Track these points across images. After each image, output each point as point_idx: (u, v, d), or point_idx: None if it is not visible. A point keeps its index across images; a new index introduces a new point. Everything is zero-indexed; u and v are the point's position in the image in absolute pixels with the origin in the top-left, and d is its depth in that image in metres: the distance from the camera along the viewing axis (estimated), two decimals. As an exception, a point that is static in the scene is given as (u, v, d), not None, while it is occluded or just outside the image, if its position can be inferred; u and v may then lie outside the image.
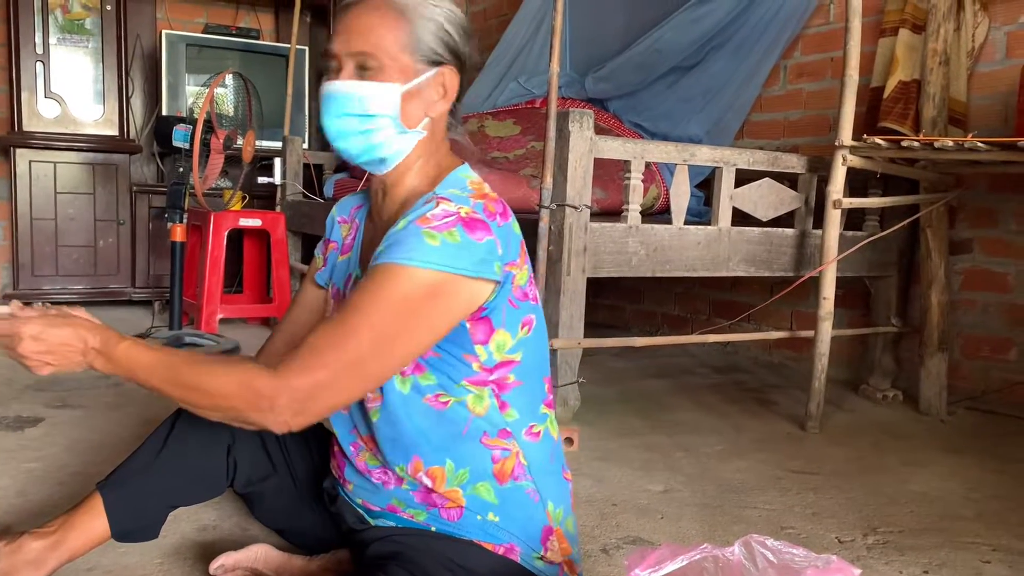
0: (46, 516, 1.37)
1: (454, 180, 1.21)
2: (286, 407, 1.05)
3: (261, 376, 1.06)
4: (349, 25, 1.17)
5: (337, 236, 1.37)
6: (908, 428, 2.58)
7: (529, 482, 1.22)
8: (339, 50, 1.17)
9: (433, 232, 1.08)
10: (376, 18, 1.16)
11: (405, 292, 1.07)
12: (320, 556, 1.42)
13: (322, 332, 1.08)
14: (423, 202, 1.15)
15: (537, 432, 1.24)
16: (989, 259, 2.82)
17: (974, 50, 2.78)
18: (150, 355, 1.12)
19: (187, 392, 1.09)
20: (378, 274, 1.09)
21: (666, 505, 1.85)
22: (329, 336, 1.07)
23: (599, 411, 2.61)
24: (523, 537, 1.21)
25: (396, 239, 1.10)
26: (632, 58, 3.70)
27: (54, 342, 1.10)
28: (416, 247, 1.07)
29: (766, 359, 3.55)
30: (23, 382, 2.72)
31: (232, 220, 3.70)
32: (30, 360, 1.10)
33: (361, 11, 1.17)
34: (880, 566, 1.58)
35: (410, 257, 1.07)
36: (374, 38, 1.15)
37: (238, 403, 1.07)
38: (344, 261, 1.34)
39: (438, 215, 1.09)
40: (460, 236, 1.08)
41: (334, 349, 1.06)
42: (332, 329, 1.08)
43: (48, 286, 4.14)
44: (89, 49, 4.19)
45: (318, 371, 1.05)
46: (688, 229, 2.53)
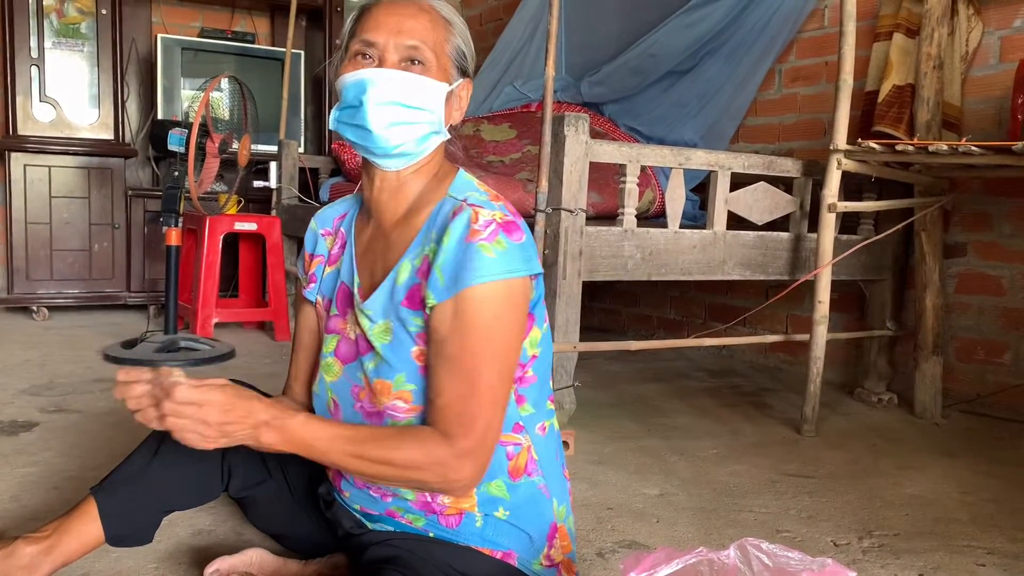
0: (41, 521, 1.37)
1: (464, 183, 1.23)
2: (469, 468, 1.11)
3: (440, 446, 1.10)
4: (399, 19, 1.16)
5: (322, 249, 1.35)
6: (903, 431, 2.59)
7: (540, 477, 1.24)
8: (385, 40, 1.15)
9: (486, 244, 1.11)
10: (427, 18, 1.17)
11: (494, 310, 1.11)
12: (315, 560, 1.42)
13: (450, 389, 1.11)
14: (450, 211, 1.16)
15: (544, 427, 1.26)
16: (983, 263, 2.83)
17: (968, 54, 2.79)
18: (327, 429, 1.12)
19: (374, 466, 1.11)
20: (462, 306, 1.10)
21: (662, 509, 1.85)
22: (460, 388, 1.11)
23: (595, 415, 2.61)
24: (532, 533, 1.21)
25: (457, 263, 1.11)
26: (627, 62, 3.71)
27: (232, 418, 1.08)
28: (481, 264, 1.10)
29: (761, 363, 3.55)
30: (17, 387, 2.72)
31: (227, 224, 3.69)
32: (206, 435, 1.08)
33: (409, 7, 1.17)
34: (876, 569, 1.58)
35: (481, 276, 1.10)
36: (427, 35, 1.16)
37: (427, 476, 1.11)
38: (333, 272, 1.32)
39: (482, 226, 1.12)
40: (505, 242, 1.12)
41: (474, 397, 1.11)
42: (459, 381, 1.11)
43: (43, 290, 4.13)
44: (84, 53, 4.18)
45: (476, 424, 1.10)
46: (684, 233, 2.54)
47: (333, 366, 1.26)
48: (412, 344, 1.17)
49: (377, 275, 1.24)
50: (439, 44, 1.18)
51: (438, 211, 1.19)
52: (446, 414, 1.11)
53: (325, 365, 1.28)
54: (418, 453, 1.10)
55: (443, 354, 1.12)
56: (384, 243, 1.24)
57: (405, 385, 1.17)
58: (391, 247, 1.23)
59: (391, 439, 1.12)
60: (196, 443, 1.09)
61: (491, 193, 1.21)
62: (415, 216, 1.22)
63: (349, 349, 1.25)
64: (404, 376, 1.17)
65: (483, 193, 1.20)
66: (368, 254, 1.27)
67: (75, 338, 3.64)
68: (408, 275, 1.18)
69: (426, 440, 1.11)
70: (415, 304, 1.17)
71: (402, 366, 1.17)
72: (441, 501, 1.19)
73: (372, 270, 1.25)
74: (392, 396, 1.17)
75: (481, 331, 1.11)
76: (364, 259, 1.27)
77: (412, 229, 1.21)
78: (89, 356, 3.26)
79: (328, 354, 1.27)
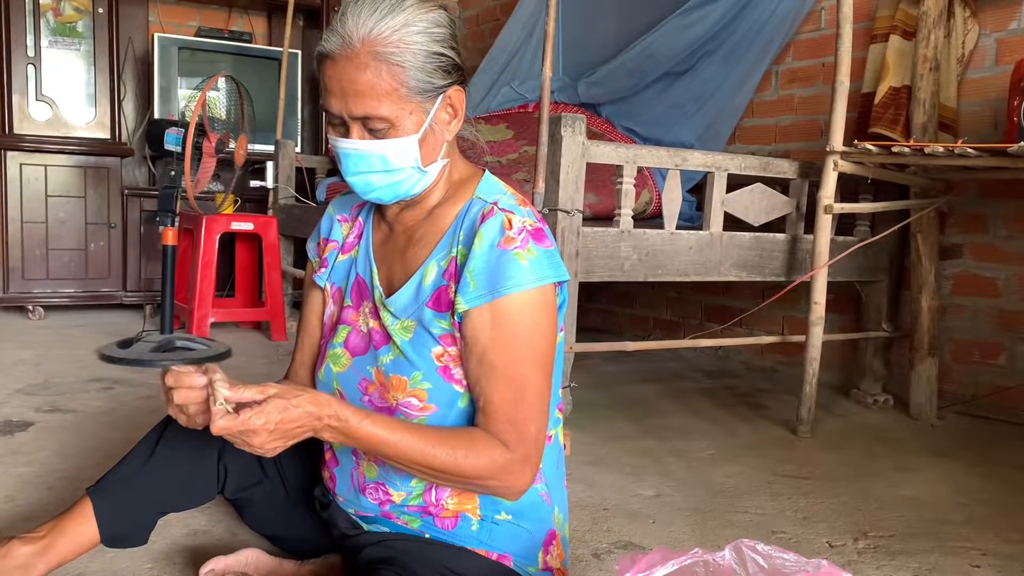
0: (36, 521, 1.37)
1: (491, 185, 1.22)
2: (529, 473, 1.14)
3: (502, 453, 1.11)
4: (343, 86, 1.10)
5: (337, 235, 1.34)
6: (898, 433, 2.59)
7: (543, 485, 1.24)
8: (339, 111, 1.12)
9: (520, 252, 1.12)
10: (369, 76, 1.09)
11: (534, 317, 1.13)
12: (311, 561, 1.42)
13: (499, 396, 1.12)
14: (479, 212, 1.15)
15: (550, 437, 1.26)
16: (979, 264, 2.83)
17: (964, 56, 2.80)
18: (394, 432, 1.09)
19: (440, 473, 1.11)
20: (501, 315, 1.12)
21: (657, 510, 1.85)
22: (510, 395, 1.12)
23: (591, 416, 2.61)
24: (530, 538, 1.22)
25: (491, 270, 1.11)
26: (624, 63, 3.71)
27: (288, 428, 1.05)
28: (515, 272, 1.11)
29: (757, 364, 3.56)
30: (13, 386, 2.71)
31: (224, 224, 3.69)
32: (262, 449, 1.06)
33: (351, 70, 1.09)
34: (871, 571, 1.58)
35: (518, 284, 1.11)
36: (374, 100, 1.10)
37: (491, 482, 1.12)
38: (346, 260, 1.31)
39: (515, 233, 1.12)
40: (535, 249, 1.13)
41: (524, 403, 1.13)
42: (508, 389, 1.12)
43: (38, 290, 4.12)
44: (81, 52, 4.17)
45: (529, 429, 1.13)
46: (680, 234, 2.54)
47: (342, 357, 1.26)
48: (434, 344, 1.17)
49: (397, 271, 1.24)
50: (393, 94, 1.10)
51: (466, 212, 1.19)
52: (499, 421, 1.12)
53: (333, 355, 1.27)
54: (483, 461, 1.10)
55: (487, 362, 1.13)
56: (406, 239, 1.24)
57: (422, 383, 1.17)
58: (414, 244, 1.23)
59: (455, 446, 1.10)
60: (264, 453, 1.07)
61: (519, 197, 1.21)
62: (439, 216, 1.22)
63: (360, 342, 1.25)
64: (421, 374, 1.17)
65: (511, 196, 1.20)
66: (387, 248, 1.27)
67: (71, 338, 3.64)
68: (435, 276, 1.18)
69: (488, 447, 1.11)
70: (441, 306, 1.17)
71: (421, 364, 1.17)
72: (444, 503, 1.19)
73: (392, 266, 1.25)
74: (407, 393, 1.18)
75: (524, 339, 1.13)
76: (382, 253, 1.27)
77: (438, 229, 1.21)
78: (85, 356, 3.25)
79: (338, 344, 1.27)
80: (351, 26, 1.09)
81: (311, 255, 1.38)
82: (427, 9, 1.12)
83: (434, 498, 1.20)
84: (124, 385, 2.80)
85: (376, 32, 1.09)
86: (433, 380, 1.17)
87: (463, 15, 5.47)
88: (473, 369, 1.14)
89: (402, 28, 1.10)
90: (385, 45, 1.09)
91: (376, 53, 1.08)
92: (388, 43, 1.09)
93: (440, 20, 1.14)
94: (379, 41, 1.08)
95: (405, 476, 1.20)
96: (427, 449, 1.09)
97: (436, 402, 1.17)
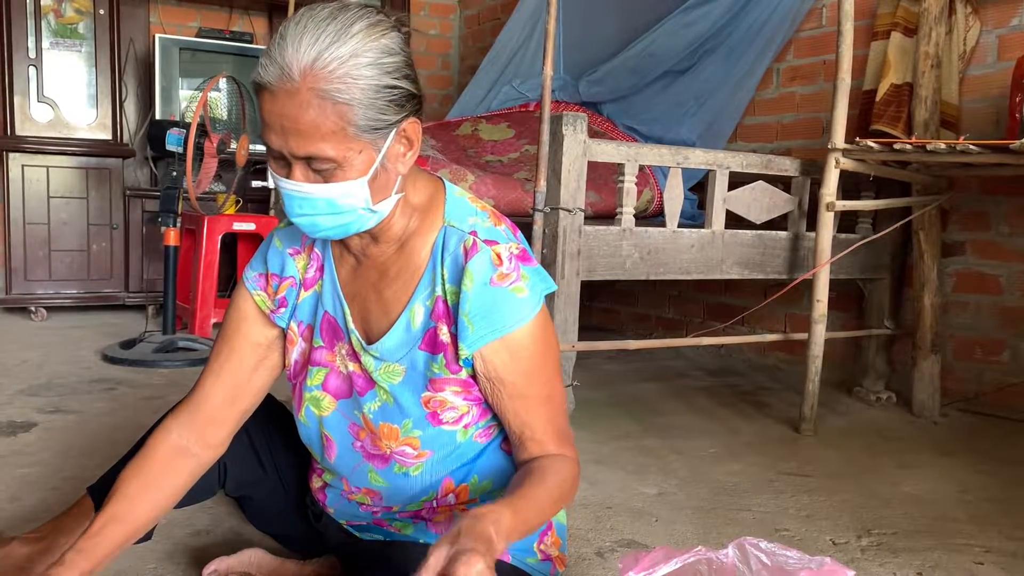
0: (39, 521, 1.37)
1: (458, 205, 1.15)
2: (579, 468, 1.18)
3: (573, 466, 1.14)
4: (283, 124, 0.98)
5: (292, 271, 1.21)
6: (901, 430, 2.59)
7: None
8: (280, 148, 1.00)
9: (518, 286, 1.10)
10: (312, 115, 0.96)
11: (543, 338, 1.14)
12: (313, 561, 1.42)
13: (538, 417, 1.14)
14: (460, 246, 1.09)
15: None
16: (981, 261, 2.83)
17: (965, 53, 2.79)
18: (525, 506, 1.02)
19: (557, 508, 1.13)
20: (515, 348, 1.11)
21: (660, 508, 1.85)
22: (547, 413, 1.15)
23: (593, 414, 2.61)
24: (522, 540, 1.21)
25: (487, 310, 1.08)
26: (625, 62, 3.71)
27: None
28: (518, 308, 1.10)
29: (760, 362, 3.55)
30: (15, 387, 2.72)
31: (226, 224, 3.69)
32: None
33: (292, 106, 0.97)
34: (874, 568, 1.58)
35: (524, 317, 1.10)
36: (319, 140, 0.98)
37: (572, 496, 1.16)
38: (310, 297, 1.21)
39: (507, 268, 1.09)
40: (527, 272, 1.11)
41: (560, 414, 1.17)
42: (543, 408, 1.14)
43: (41, 291, 4.13)
44: (82, 53, 4.18)
45: (570, 433, 1.18)
46: (682, 232, 2.54)
47: (323, 400, 1.21)
48: (423, 389, 1.14)
49: (373, 311, 1.17)
50: (339, 133, 0.98)
51: (442, 244, 1.11)
52: (550, 438, 1.14)
53: (312, 399, 1.21)
54: (570, 488, 1.13)
55: (520, 396, 1.13)
56: (378, 274, 1.16)
57: (413, 431, 1.15)
58: (388, 281, 1.15)
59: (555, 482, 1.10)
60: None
61: (489, 211, 1.15)
62: (412, 249, 1.14)
63: (343, 384, 1.20)
64: (411, 422, 1.14)
65: (483, 215, 1.14)
66: (357, 283, 1.18)
67: (73, 338, 3.64)
68: (423, 317, 1.12)
69: (563, 467, 1.12)
70: (434, 348, 1.12)
71: (411, 411, 1.14)
72: (439, 507, 1.19)
73: (365, 303, 1.17)
74: (400, 442, 1.16)
75: (540, 360, 1.14)
76: (352, 288, 1.18)
77: (412, 264, 1.14)
78: (87, 357, 3.26)
79: (315, 387, 1.21)
80: (291, 55, 0.96)
81: (249, 285, 1.23)
82: (378, 35, 1.00)
83: (435, 504, 1.20)
84: (127, 386, 2.80)
85: (320, 64, 0.95)
86: (423, 427, 1.14)
87: (463, 14, 5.47)
88: (507, 404, 1.14)
89: (349, 60, 0.97)
90: (329, 81, 0.96)
91: (319, 91, 0.96)
92: (333, 78, 0.96)
93: (391, 47, 1.01)
94: (322, 76, 0.95)
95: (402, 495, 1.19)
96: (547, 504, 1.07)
97: (430, 447, 1.16)
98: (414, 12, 5.22)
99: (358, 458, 1.20)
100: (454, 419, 1.15)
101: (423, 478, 1.18)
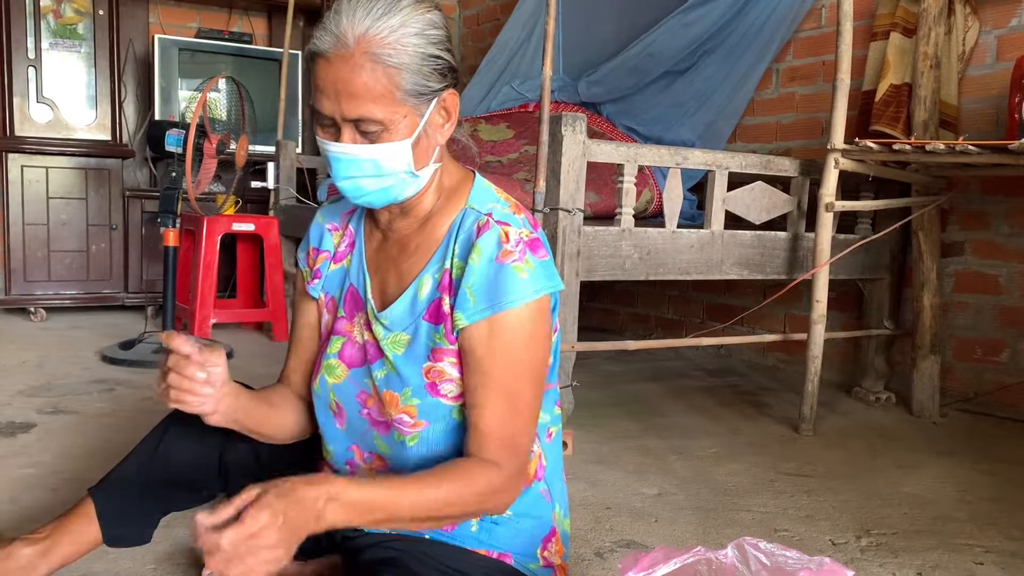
0: (38, 522, 1.37)
1: (483, 192, 1.20)
2: (521, 484, 1.16)
3: (495, 476, 1.10)
4: (337, 88, 1.06)
5: (328, 244, 1.31)
6: (901, 430, 2.59)
7: (543, 482, 1.25)
8: (331, 112, 1.08)
9: (519, 265, 1.11)
10: (364, 77, 1.05)
11: (530, 330, 1.12)
12: (314, 561, 1.42)
13: (492, 407, 1.11)
14: (474, 224, 1.14)
15: (551, 434, 1.27)
16: (980, 261, 2.83)
17: (965, 54, 2.79)
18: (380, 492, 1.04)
19: (439, 522, 1.12)
20: (500, 328, 1.11)
21: (660, 508, 1.85)
22: (502, 408, 1.12)
23: (593, 415, 2.61)
24: (529, 535, 1.22)
25: (489, 284, 1.10)
26: (625, 62, 3.71)
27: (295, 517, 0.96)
28: (515, 286, 1.10)
29: (759, 362, 3.55)
30: (15, 388, 2.71)
31: (225, 225, 3.69)
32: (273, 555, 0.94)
33: (345, 70, 1.05)
34: (874, 568, 1.58)
35: (517, 298, 1.10)
36: (369, 102, 1.06)
37: (488, 508, 1.14)
38: (338, 270, 1.29)
39: (512, 246, 1.11)
40: (532, 261, 1.12)
41: (517, 417, 1.13)
42: (501, 400, 1.11)
43: (40, 292, 4.13)
44: (81, 54, 4.18)
45: (521, 442, 1.13)
46: (681, 232, 2.54)
47: (336, 368, 1.25)
48: (424, 360, 1.16)
49: (391, 282, 1.22)
50: (388, 96, 1.06)
51: (459, 223, 1.16)
52: (491, 438, 1.11)
53: (328, 366, 1.26)
54: (481, 486, 1.10)
55: (482, 372, 1.12)
56: (399, 249, 1.22)
57: (411, 399, 1.17)
58: (407, 255, 1.21)
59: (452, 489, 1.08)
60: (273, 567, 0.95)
61: (512, 203, 1.19)
62: (433, 226, 1.19)
63: (356, 353, 1.24)
64: (411, 390, 1.16)
65: (504, 204, 1.18)
66: (380, 257, 1.25)
67: (73, 339, 3.64)
68: (430, 288, 1.16)
69: (483, 472, 1.10)
70: (436, 319, 1.16)
71: (411, 380, 1.16)
72: None
73: (385, 276, 1.23)
74: (399, 409, 1.17)
75: (520, 351, 1.12)
76: (375, 262, 1.25)
77: (431, 239, 1.19)
78: (87, 357, 3.25)
79: (332, 355, 1.26)
80: (346, 25, 1.05)
81: (301, 264, 1.35)
82: (424, 10, 1.09)
83: None
84: (126, 386, 2.80)
85: (372, 32, 1.05)
86: (421, 396, 1.16)
87: (463, 15, 5.47)
88: (469, 379, 1.13)
89: (399, 29, 1.06)
90: (381, 46, 1.05)
91: (372, 54, 1.04)
92: (384, 44, 1.05)
93: (436, 22, 1.10)
94: (375, 42, 1.04)
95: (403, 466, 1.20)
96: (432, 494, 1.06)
97: (426, 417, 1.17)
98: (413, 12, 5.22)
99: (365, 424, 1.23)
100: (452, 394, 1.16)
101: (418, 449, 1.18)
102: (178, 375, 1.12)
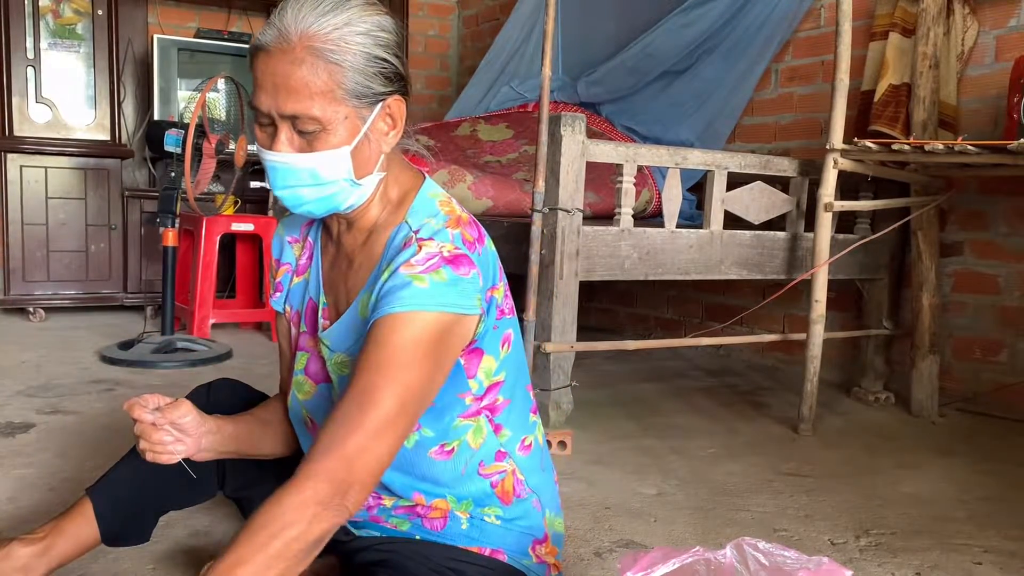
0: (37, 522, 1.37)
1: (424, 204, 1.15)
2: (352, 497, 1.00)
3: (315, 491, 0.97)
4: (275, 82, 1.03)
5: (289, 257, 1.29)
6: (900, 430, 2.59)
7: (531, 494, 1.24)
8: (268, 108, 1.04)
9: (421, 275, 1.05)
10: (304, 72, 1.02)
11: (414, 337, 1.04)
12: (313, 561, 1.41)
13: (342, 412, 1.01)
14: (402, 242, 1.10)
15: (529, 444, 1.25)
16: (979, 261, 2.83)
17: (964, 54, 2.80)
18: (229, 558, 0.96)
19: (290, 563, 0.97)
20: (382, 328, 1.04)
21: (659, 508, 1.85)
22: (350, 413, 1.01)
23: (592, 414, 2.61)
24: (520, 536, 1.22)
25: (387, 290, 1.06)
26: (624, 62, 3.71)
27: None
28: (409, 294, 1.04)
29: (758, 362, 3.55)
30: (14, 388, 2.71)
31: (224, 225, 3.69)
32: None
33: (284, 63, 1.02)
34: (873, 568, 1.58)
35: (407, 304, 1.04)
36: (307, 98, 1.02)
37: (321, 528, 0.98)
38: (300, 283, 1.27)
39: (421, 259, 1.06)
40: (447, 274, 1.06)
41: (360, 429, 1.00)
42: (350, 404, 1.02)
43: (39, 292, 4.13)
44: (80, 54, 4.18)
45: (354, 467, 0.99)
46: (680, 232, 2.54)
47: (304, 384, 1.24)
48: None
49: (341, 300, 1.20)
50: (328, 94, 1.03)
51: (394, 239, 1.13)
52: (329, 447, 1.00)
53: (297, 383, 1.25)
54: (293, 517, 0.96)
55: (352, 366, 1.08)
56: (347, 264, 1.20)
57: None
58: (353, 271, 1.19)
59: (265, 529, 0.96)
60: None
61: (452, 216, 1.13)
62: (374, 241, 1.16)
63: (321, 370, 1.23)
64: None
65: (442, 217, 1.12)
66: (334, 273, 1.22)
67: (72, 339, 3.64)
68: (368, 309, 1.12)
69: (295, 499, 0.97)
70: None
71: None
72: (433, 504, 1.19)
73: (337, 293, 1.21)
74: None
75: (391, 351, 1.03)
76: (331, 277, 1.23)
77: (371, 256, 1.16)
78: (86, 357, 3.25)
79: (299, 371, 1.24)
80: (290, 20, 1.03)
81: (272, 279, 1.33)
82: (373, 12, 1.07)
83: (426, 501, 1.20)
84: (125, 387, 2.80)
85: (316, 28, 1.02)
86: None
87: (462, 15, 5.47)
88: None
89: (344, 27, 1.04)
90: (324, 41, 1.02)
91: (313, 49, 1.02)
92: (327, 40, 1.02)
93: (385, 25, 1.08)
94: (318, 37, 1.02)
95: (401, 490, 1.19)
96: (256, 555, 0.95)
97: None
98: (413, 13, 5.22)
99: None
100: None
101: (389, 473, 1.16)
102: (147, 441, 1.15)
